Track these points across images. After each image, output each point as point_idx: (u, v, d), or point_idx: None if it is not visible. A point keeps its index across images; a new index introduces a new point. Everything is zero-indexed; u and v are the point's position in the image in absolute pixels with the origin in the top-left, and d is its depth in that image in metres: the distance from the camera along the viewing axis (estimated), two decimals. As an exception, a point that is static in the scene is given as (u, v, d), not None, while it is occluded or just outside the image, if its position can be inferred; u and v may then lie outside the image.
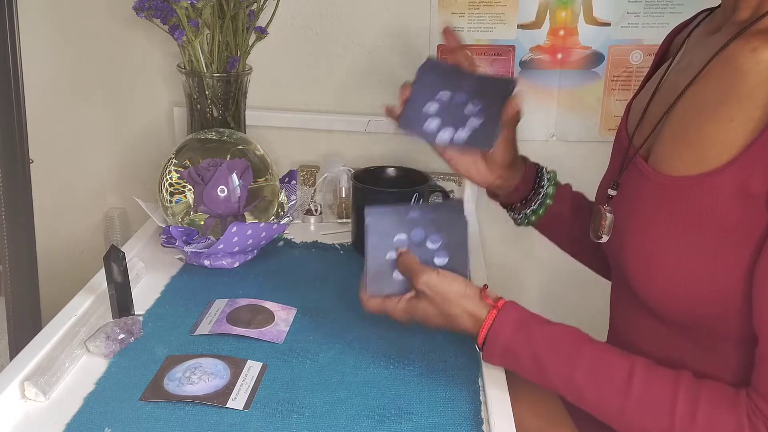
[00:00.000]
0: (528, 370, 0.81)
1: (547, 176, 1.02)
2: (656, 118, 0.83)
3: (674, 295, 0.75)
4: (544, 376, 0.80)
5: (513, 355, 0.81)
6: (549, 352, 0.79)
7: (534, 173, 1.02)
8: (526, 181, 1.01)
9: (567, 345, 0.79)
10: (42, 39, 1.42)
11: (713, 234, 0.72)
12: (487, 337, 0.82)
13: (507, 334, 0.81)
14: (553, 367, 0.79)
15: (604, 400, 0.76)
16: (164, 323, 1.00)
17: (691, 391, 0.72)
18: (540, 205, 1.02)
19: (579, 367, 0.77)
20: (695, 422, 0.71)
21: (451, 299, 0.84)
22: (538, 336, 0.80)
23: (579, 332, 0.81)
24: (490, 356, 0.84)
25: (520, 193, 1.02)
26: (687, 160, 0.76)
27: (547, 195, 1.01)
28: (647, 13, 1.37)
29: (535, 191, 1.02)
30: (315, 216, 1.36)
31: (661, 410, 0.73)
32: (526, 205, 1.03)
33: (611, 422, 0.77)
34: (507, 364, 0.84)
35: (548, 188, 1.01)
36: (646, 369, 0.75)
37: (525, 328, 0.81)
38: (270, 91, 1.45)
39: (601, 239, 0.86)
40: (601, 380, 0.76)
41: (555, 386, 0.80)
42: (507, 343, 0.81)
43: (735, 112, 0.72)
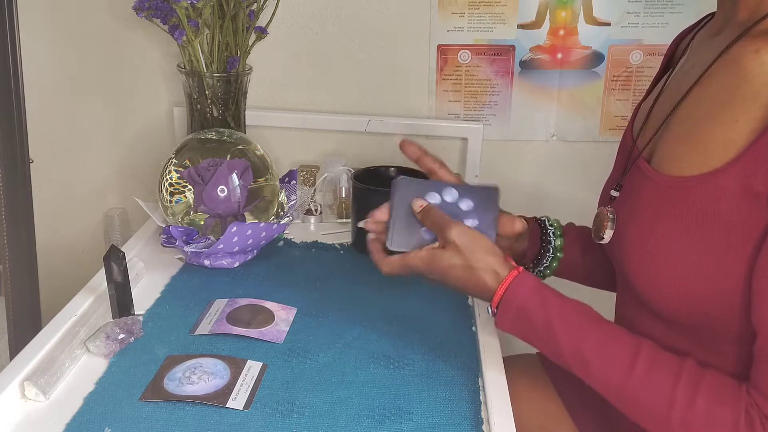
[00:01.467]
0: (538, 334, 0.81)
1: (552, 230, 1.02)
2: (660, 120, 0.84)
3: (676, 295, 0.76)
4: (553, 343, 0.80)
5: (526, 317, 0.81)
6: (561, 320, 0.80)
7: (538, 232, 1.02)
8: (533, 243, 1.02)
9: (579, 317, 0.80)
10: (42, 39, 1.42)
11: (716, 233, 0.72)
12: (503, 296, 0.82)
13: (524, 296, 0.81)
14: (564, 335, 0.79)
15: (608, 375, 0.77)
16: (164, 323, 1.00)
17: (693, 378, 0.73)
18: (552, 260, 1.02)
19: (588, 339, 0.78)
20: (694, 408, 0.71)
21: (479, 252, 0.84)
22: (553, 303, 0.81)
23: (592, 309, 0.82)
24: (503, 317, 0.83)
25: (529, 256, 1.03)
26: (691, 160, 0.76)
27: (556, 249, 1.02)
28: (647, 13, 1.37)
29: (543, 248, 1.02)
30: (315, 216, 1.36)
31: (661, 392, 0.73)
32: (538, 264, 1.03)
33: (612, 398, 0.77)
34: (518, 327, 0.83)
35: (556, 242, 1.02)
36: (652, 350, 0.76)
37: (541, 293, 0.82)
38: (270, 91, 1.45)
39: (602, 240, 0.87)
40: (607, 355, 0.77)
41: (562, 354, 0.80)
42: (522, 304, 0.81)
43: (740, 113, 0.72)
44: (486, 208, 0.90)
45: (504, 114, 1.44)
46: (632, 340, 0.77)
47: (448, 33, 1.40)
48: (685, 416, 0.72)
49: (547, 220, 1.03)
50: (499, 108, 1.44)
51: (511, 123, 1.45)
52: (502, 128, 1.45)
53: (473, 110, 1.44)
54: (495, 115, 1.44)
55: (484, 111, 1.44)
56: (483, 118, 1.45)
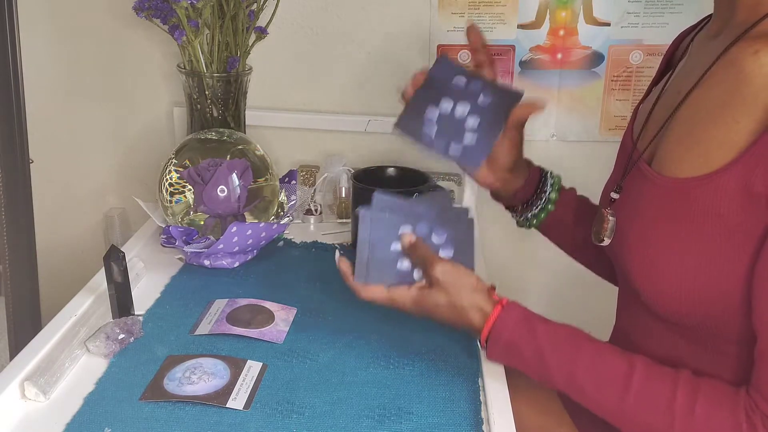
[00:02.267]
0: (530, 365, 0.82)
1: (551, 181, 1.02)
2: (660, 122, 0.84)
3: (677, 295, 0.76)
4: (545, 372, 0.80)
5: (516, 351, 0.82)
6: (551, 348, 0.80)
7: (537, 177, 1.02)
8: (528, 185, 1.01)
9: (569, 342, 0.80)
10: (42, 39, 1.42)
11: (716, 234, 0.72)
12: (490, 333, 0.83)
13: (510, 330, 0.82)
14: (555, 363, 0.79)
15: (604, 397, 0.77)
16: (164, 323, 1.00)
17: (690, 388, 0.73)
18: (541, 210, 1.02)
19: (580, 364, 0.78)
20: (694, 418, 0.71)
21: (463, 291, 0.85)
22: (541, 332, 0.81)
23: (580, 331, 0.82)
24: (493, 352, 0.84)
25: (521, 197, 1.02)
26: (691, 162, 0.76)
27: (549, 200, 1.02)
28: (647, 13, 1.37)
29: (536, 196, 1.02)
30: (315, 216, 1.36)
31: (660, 406, 0.73)
32: (527, 209, 1.03)
33: (612, 419, 0.77)
34: (509, 360, 0.84)
35: (551, 194, 1.02)
36: (645, 366, 0.76)
37: (528, 324, 0.82)
38: (270, 91, 1.45)
39: (602, 242, 0.87)
40: (601, 377, 0.77)
41: (556, 382, 0.80)
42: (510, 337, 0.82)
43: (740, 114, 0.72)
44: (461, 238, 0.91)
45: (504, 114, 1.44)
46: (625, 359, 0.77)
47: (448, 33, 1.40)
48: (687, 426, 0.72)
49: (550, 172, 1.04)
50: (499, 108, 1.44)
51: (511, 123, 1.44)
52: (502, 128, 1.45)
53: (473, 110, 1.44)
54: (495, 115, 1.44)
55: (484, 111, 1.44)
56: (483, 118, 1.44)
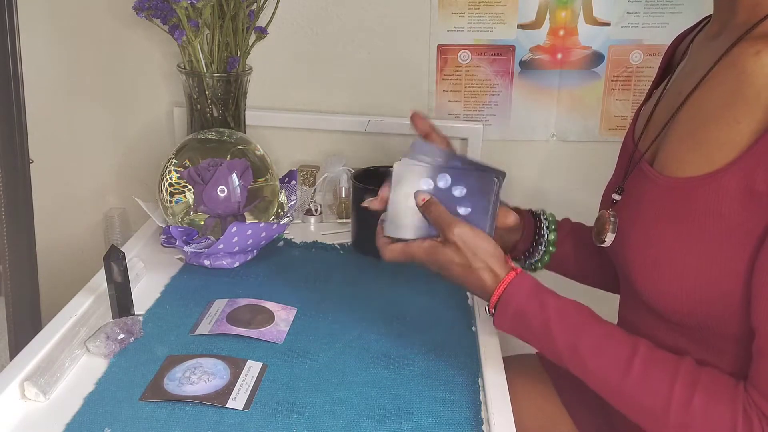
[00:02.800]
0: (535, 335, 0.82)
1: (546, 224, 1.02)
2: (662, 122, 0.84)
3: (679, 296, 0.76)
4: (551, 344, 0.81)
5: (524, 318, 0.82)
6: (559, 319, 0.80)
7: (532, 223, 1.03)
8: (525, 235, 1.02)
9: (577, 317, 0.81)
10: (42, 39, 1.42)
11: (717, 233, 0.72)
12: (501, 297, 0.83)
13: (522, 296, 0.82)
14: (561, 335, 0.80)
15: (605, 374, 0.77)
16: (164, 323, 1.00)
17: (690, 377, 0.73)
18: (544, 254, 1.03)
19: (585, 338, 0.79)
20: (691, 407, 0.72)
21: (479, 254, 0.85)
22: (551, 304, 0.81)
23: (589, 309, 0.82)
24: (501, 318, 0.84)
25: (521, 248, 1.03)
26: (693, 162, 0.76)
27: (549, 243, 1.02)
28: (647, 13, 1.37)
29: (536, 242, 1.02)
30: (315, 216, 1.36)
31: (658, 391, 0.73)
32: (530, 256, 1.03)
33: (610, 397, 0.78)
34: (516, 328, 0.84)
35: (549, 236, 1.02)
36: (649, 350, 0.76)
37: (539, 294, 0.82)
38: (270, 91, 1.45)
39: (604, 243, 0.87)
40: (604, 354, 0.77)
41: (560, 354, 0.80)
42: (520, 304, 0.82)
43: (741, 115, 0.72)
44: (480, 195, 0.89)
45: (504, 114, 1.44)
46: (629, 339, 0.78)
47: (448, 33, 1.40)
48: (683, 415, 0.72)
49: (542, 213, 1.04)
50: (499, 108, 1.44)
51: (511, 123, 1.45)
52: (502, 128, 1.45)
53: (473, 110, 1.44)
54: (495, 115, 1.44)
55: (484, 111, 1.44)
56: (483, 118, 1.45)
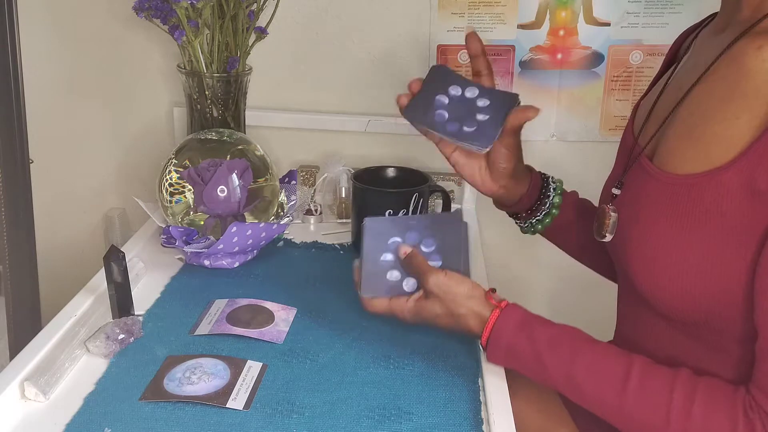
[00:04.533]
0: (530, 368, 0.82)
1: (553, 186, 1.03)
2: (662, 117, 0.84)
3: (678, 293, 0.76)
4: (545, 374, 0.81)
5: (515, 354, 0.82)
6: (550, 350, 0.80)
7: (540, 183, 1.02)
8: (531, 191, 1.01)
9: (567, 343, 0.80)
10: (42, 39, 1.42)
11: (717, 231, 0.72)
12: (490, 336, 0.83)
13: (509, 333, 0.82)
14: (554, 364, 0.80)
15: (602, 396, 0.77)
16: (164, 323, 1.00)
17: (687, 387, 0.73)
18: (546, 215, 1.02)
19: (578, 365, 0.78)
20: (691, 417, 0.71)
21: (459, 300, 0.85)
22: (540, 335, 0.81)
23: (579, 332, 0.82)
24: (494, 355, 0.85)
25: (524, 204, 1.02)
26: (693, 158, 0.76)
27: (553, 205, 1.02)
28: (647, 13, 1.37)
29: (540, 201, 1.02)
30: (315, 216, 1.36)
31: (657, 405, 0.73)
32: (531, 215, 1.03)
33: (610, 418, 0.78)
34: (510, 363, 0.85)
35: (554, 198, 1.02)
36: (643, 366, 0.76)
37: (527, 327, 0.82)
38: (270, 91, 1.45)
39: (604, 238, 0.87)
40: (599, 377, 0.77)
41: (556, 384, 0.81)
42: (509, 341, 0.82)
43: (741, 110, 0.72)
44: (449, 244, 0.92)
45: (504, 114, 1.44)
46: (624, 357, 0.78)
47: (448, 33, 1.40)
48: (683, 426, 0.72)
49: (551, 177, 1.04)
50: (499, 108, 1.44)
51: (511, 123, 1.44)
52: (502, 128, 1.45)
53: (473, 110, 1.44)
54: (495, 115, 1.44)
55: (484, 111, 1.44)
56: (483, 118, 1.44)
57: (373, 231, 0.92)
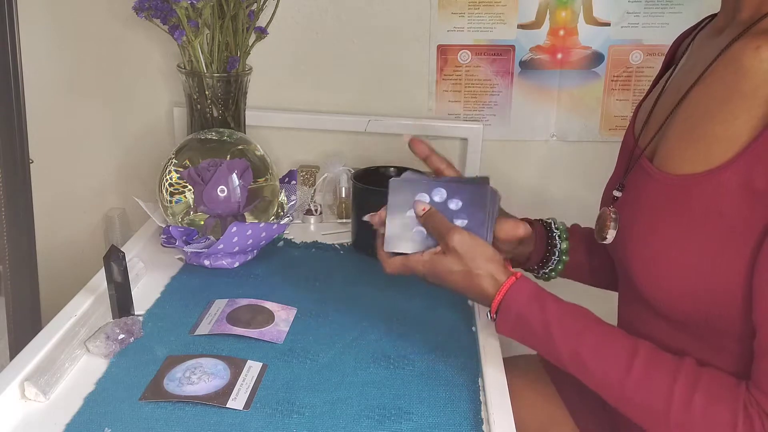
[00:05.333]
0: (537, 338, 0.82)
1: (557, 233, 1.02)
2: (662, 119, 0.84)
3: (678, 293, 0.76)
4: (551, 346, 0.81)
5: (525, 322, 0.82)
6: (559, 323, 0.80)
7: (544, 235, 1.02)
8: (537, 247, 1.02)
9: (577, 319, 0.81)
10: (42, 39, 1.42)
11: (718, 231, 0.72)
12: (502, 302, 0.83)
13: (522, 300, 0.82)
14: (562, 339, 0.80)
15: (605, 376, 0.77)
16: (164, 323, 1.00)
17: (691, 377, 0.73)
18: (557, 263, 1.02)
19: (586, 341, 0.79)
20: (691, 406, 0.72)
21: (479, 259, 0.85)
22: (551, 308, 0.81)
23: (590, 312, 0.82)
24: (503, 322, 0.84)
25: (534, 260, 1.03)
26: (692, 158, 0.76)
27: (561, 252, 1.02)
28: (647, 13, 1.37)
29: (549, 251, 1.02)
30: (315, 216, 1.36)
31: (659, 392, 0.73)
32: (543, 267, 1.03)
33: (611, 398, 0.78)
34: (517, 332, 0.84)
35: (561, 245, 1.02)
36: (649, 351, 0.76)
37: (540, 298, 0.82)
38: (270, 91, 1.45)
39: (605, 240, 0.87)
40: (605, 356, 0.78)
41: (560, 357, 0.81)
42: (521, 309, 0.82)
43: (740, 110, 0.72)
44: (476, 206, 0.90)
45: (504, 114, 1.44)
46: (630, 341, 0.78)
47: (448, 33, 1.40)
48: (683, 416, 0.72)
49: (552, 222, 1.03)
50: (499, 108, 1.44)
51: (511, 123, 1.45)
52: (502, 128, 1.45)
53: (473, 110, 1.44)
54: (495, 115, 1.44)
55: (484, 111, 1.44)
56: (483, 118, 1.45)
57: (398, 187, 0.91)
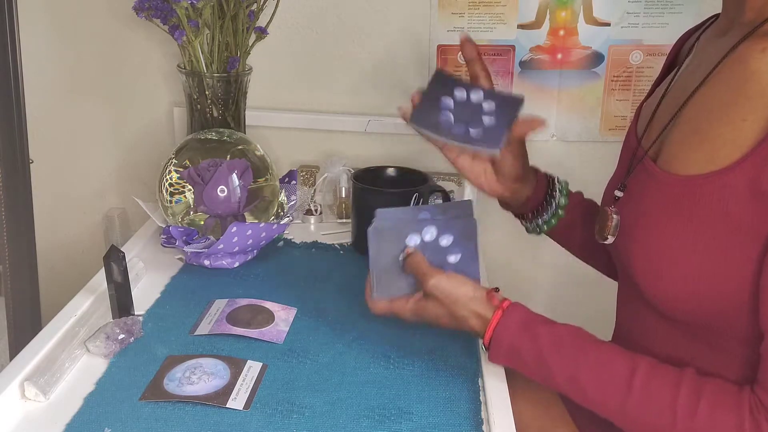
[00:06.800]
0: (532, 369, 0.82)
1: (559, 187, 1.02)
2: (665, 119, 0.84)
3: (681, 295, 0.76)
4: (548, 376, 0.80)
5: (518, 355, 0.82)
6: (553, 351, 0.80)
7: (545, 184, 1.02)
8: (537, 192, 1.01)
9: (571, 344, 0.80)
10: (42, 39, 1.42)
11: (722, 233, 0.72)
12: (492, 339, 0.83)
13: (512, 334, 0.82)
14: (557, 366, 0.79)
15: (606, 398, 0.77)
16: (164, 323, 1.00)
17: (693, 388, 0.73)
18: (552, 216, 1.02)
19: (582, 366, 0.78)
20: (697, 415, 0.71)
21: (459, 301, 0.85)
22: (543, 336, 0.81)
23: (583, 332, 0.82)
24: (496, 356, 0.84)
25: (530, 205, 1.02)
26: (697, 160, 0.76)
27: (559, 206, 1.02)
28: (647, 13, 1.37)
29: (546, 202, 1.02)
30: (315, 216, 1.36)
31: (662, 406, 0.73)
32: (537, 216, 1.03)
33: (614, 419, 0.77)
34: (512, 364, 0.84)
35: (560, 199, 1.02)
36: (648, 366, 0.76)
37: (529, 328, 0.82)
38: (270, 91, 1.45)
39: (606, 240, 0.86)
40: (603, 378, 0.77)
41: (559, 385, 0.80)
42: (512, 342, 0.82)
43: (746, 112, 0.72)
44: (466, 239, 0.90)
45: (504, 114, 1.44)
46: (628, 358, 0.77)
47: (448, 33, 1.40)
48: (690, 425, 0.71)
49: (557, 178, 1.03)
50: (499, 108, 1.44)
51: (511, 123, 1.44)
52: (502, 128, 1.45)
53: (473, 110, 1.44)
54: (495, 115, 1.44)
55: (484, 111, 1.44)
56: (483, 118, 1.44)
57: (385, 231, 0.89)
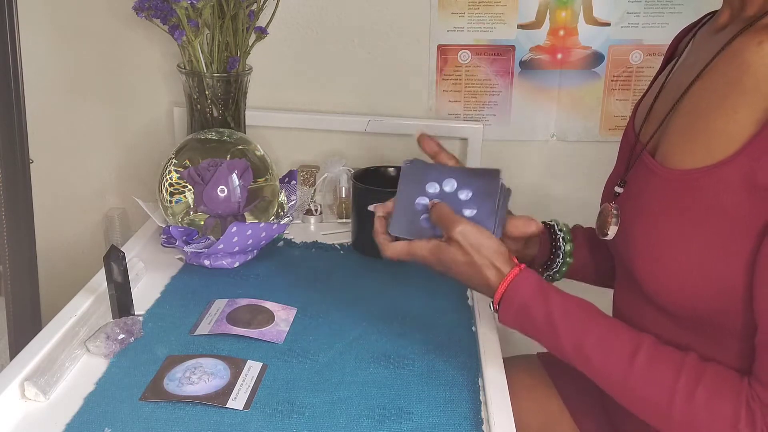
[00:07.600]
0: (539, 330, 0.82)
1: (561, 235, 1.02)
2: (663, 114, 0.84)
3: (680, 289, 0.76)
4: (554, 339, 0.81)
5: (527, 314, 0.82)
6: (563, 315, 0.80)
7: (548, 236, 1.02)
8: (542, 248, 1.02)
9: (581, 313, 0.81)
10: (42, 39, 1.42)
11: (720, 226, 0.72)
12: (505, 293, 0.83)
13: (526, 292, 0.82)
14: (565, 330, 0.80)
15: (609, 369, 0.77)
16: (164, 323, 1.00)
17: (694, 371, 0.73)
18: (562, 265, 1.03)
19: (589, 334, 0.79)
20: (694, 400, 0.72)
21: (483, 251, 0.84)
22: (555, 300, 0.81)
23: (593, 305, 0.82)
24: (506, 313, 0.84)
25: (538, 262, 1.03)
26: (694, 154, 0.76)
27: (566, 254, 1.02)
28: (647, 13, 1.37)
29: (553, 254, 1.02)
30: (315, 216, 1.36)
31: (662, 385, 0.73)
32: (548, 269, 1.03)
33: (614, 392, 0.78)
34: (520, 324, 0.84)
35: (565, 247, 1.02)
36: (653, 344, 0.77)
37: (543, 290, 0.82)
38: (270, 91, 1.45)
39: (607, 236, 0.87)
40: (608, 349, 0.77)
41: (564, 349, 0.80)
42: (524, 300, 0.82)
43: (740, 105, 0.72)
44: (485, 197, 0.89)
45: (504, 114, 1.44)
46: (634, 335, 0.78)
47: (448, 33, 1.40)
48: (686, 409, 0.72)
49: (556, 224, 1.03)
50: (499, 108, 1.44)
51: (511, 123, 1.45)
52: (502, 128, 1.45)
53: (473, 110, 1.44)
54: (495, 115, 1.44)
55: (484, 111, 1.44)
56: (483, 118, 1.45)
57: (410, 173, 0.90)
